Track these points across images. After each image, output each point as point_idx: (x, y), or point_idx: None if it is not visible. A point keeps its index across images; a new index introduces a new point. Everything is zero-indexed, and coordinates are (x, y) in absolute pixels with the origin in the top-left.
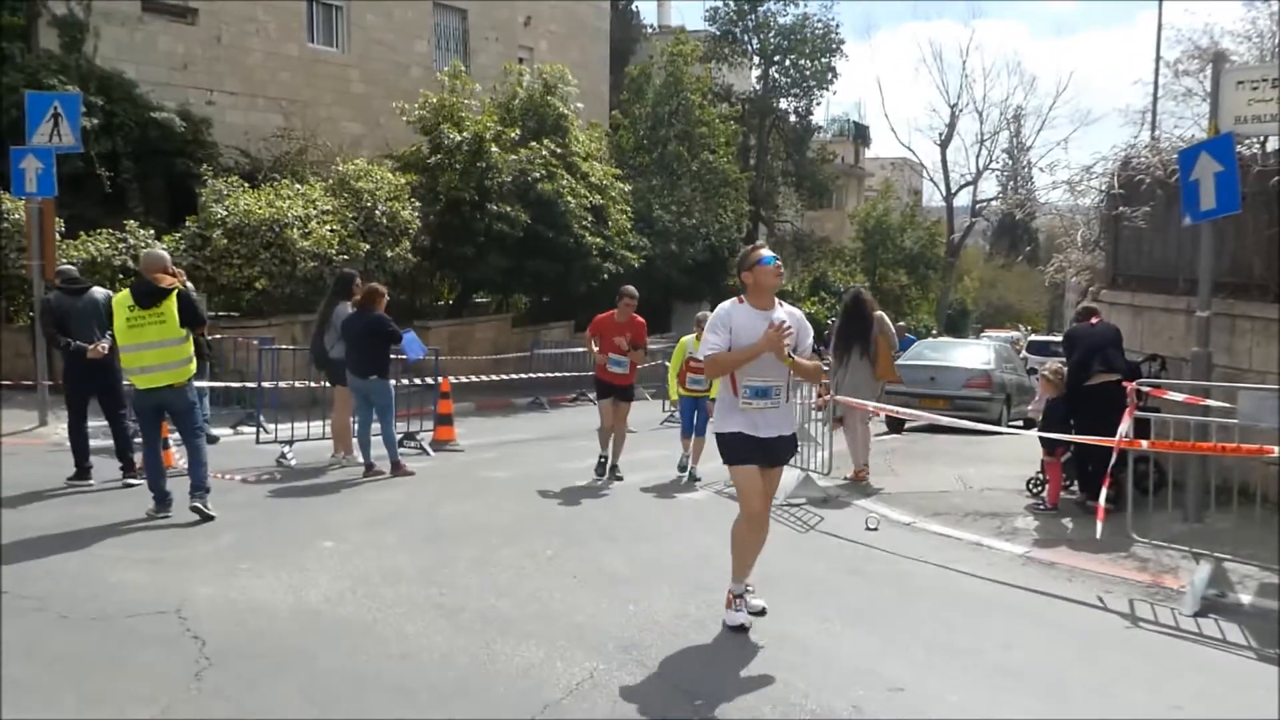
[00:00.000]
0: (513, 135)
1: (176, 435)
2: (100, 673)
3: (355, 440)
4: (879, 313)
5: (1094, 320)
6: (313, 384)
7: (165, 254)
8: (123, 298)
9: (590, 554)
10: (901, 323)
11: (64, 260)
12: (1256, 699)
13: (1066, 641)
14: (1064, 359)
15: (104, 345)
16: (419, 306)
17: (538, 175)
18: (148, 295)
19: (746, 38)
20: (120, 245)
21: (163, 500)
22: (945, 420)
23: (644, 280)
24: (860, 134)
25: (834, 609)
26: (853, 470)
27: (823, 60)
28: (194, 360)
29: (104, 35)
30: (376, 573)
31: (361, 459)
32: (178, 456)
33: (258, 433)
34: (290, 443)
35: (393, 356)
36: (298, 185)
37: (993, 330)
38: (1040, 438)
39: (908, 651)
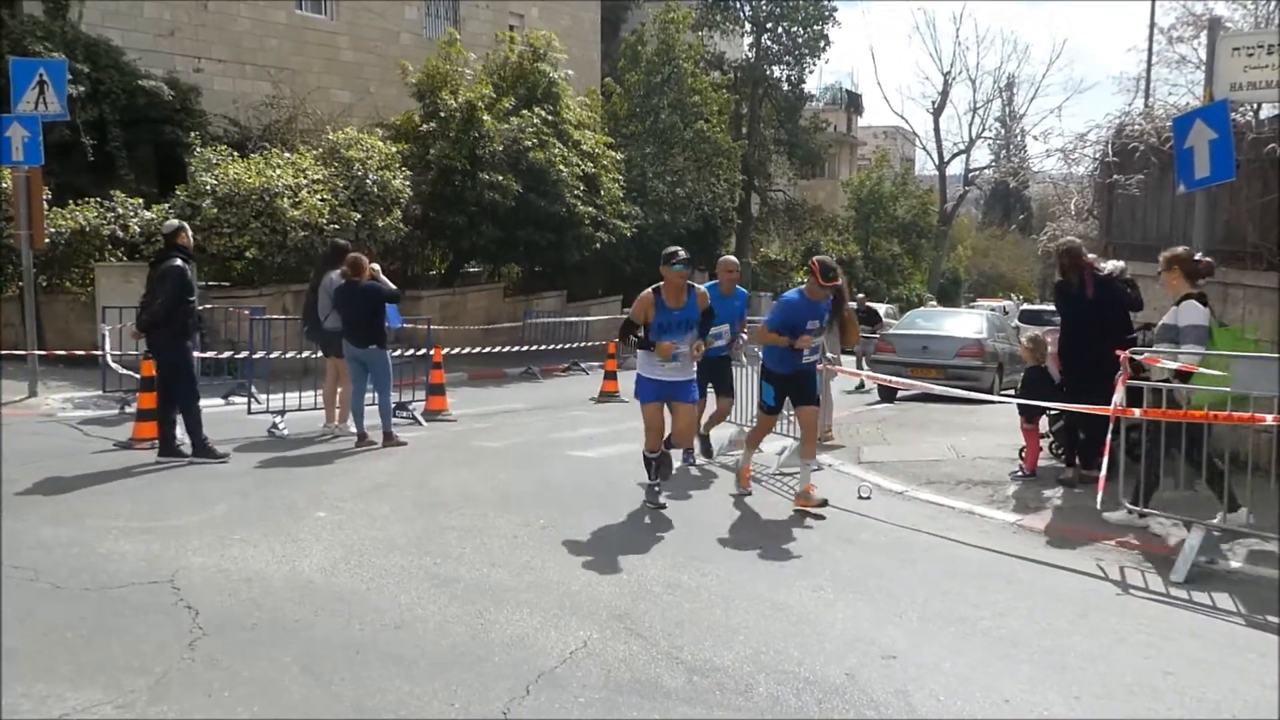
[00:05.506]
0: (506, 105)
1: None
2: (94, 642)
3: (349, 410)
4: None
5: None
6: (305, 355)
7: None
8: None
9: (583, 524)
10: None
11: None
12: (1247, 664)
13: (1059, 608)
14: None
15: None
16: (411, 276)
17: (530, 144)
18: None
19: (738, 5)
20: (109, 214)
21: None
22: (937, 389)
23: (636, 250)
24: (853, 102)
25: (828, 577)
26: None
27: (815, 28)
28: None
29: (89, 1)
30: (370, 542)
31: (354, 429)
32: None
33: (249, 403)
34: (282, 413)
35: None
36: (287, 154)
37: (982, 300)
38: (1018, 405)
39: (902, 619)
